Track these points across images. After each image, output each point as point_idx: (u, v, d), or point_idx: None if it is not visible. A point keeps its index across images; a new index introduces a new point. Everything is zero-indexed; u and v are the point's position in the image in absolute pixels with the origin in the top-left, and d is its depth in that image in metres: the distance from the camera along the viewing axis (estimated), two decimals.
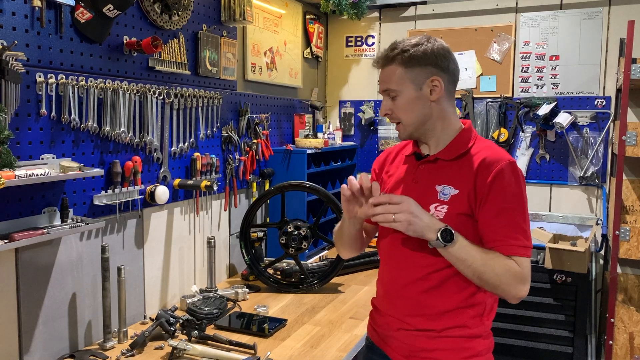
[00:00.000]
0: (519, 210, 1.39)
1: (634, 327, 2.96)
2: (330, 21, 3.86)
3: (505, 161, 1.39)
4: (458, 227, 1.37)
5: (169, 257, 2.36)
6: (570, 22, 3.27)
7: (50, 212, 1.79)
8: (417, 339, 1.47)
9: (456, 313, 1.44)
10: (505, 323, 3.04)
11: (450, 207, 1.40)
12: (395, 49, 1.43)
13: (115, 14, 1.89)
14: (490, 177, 1.37)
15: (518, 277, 1.36)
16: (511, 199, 1.37)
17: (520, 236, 1.38)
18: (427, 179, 1.46)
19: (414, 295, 1.46)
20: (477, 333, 1.46)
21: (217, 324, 2.10)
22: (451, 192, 1.41)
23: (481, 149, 1.44)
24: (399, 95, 1.44)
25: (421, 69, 1.42)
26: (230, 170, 2.70)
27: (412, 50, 1.42)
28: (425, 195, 1.43)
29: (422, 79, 1.43)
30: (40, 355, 1.79)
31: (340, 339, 2.02)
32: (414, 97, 1.43)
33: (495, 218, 1.37)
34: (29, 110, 1.70)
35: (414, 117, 1.45)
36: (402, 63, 1.42)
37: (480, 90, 3.48)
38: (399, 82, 1.43)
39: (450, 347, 1.44)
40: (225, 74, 2.64)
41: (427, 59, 1.43)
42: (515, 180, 1.38)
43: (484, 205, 1.38)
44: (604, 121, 3.22)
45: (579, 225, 3.30)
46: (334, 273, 2.61)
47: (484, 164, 1.39)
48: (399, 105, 1.45)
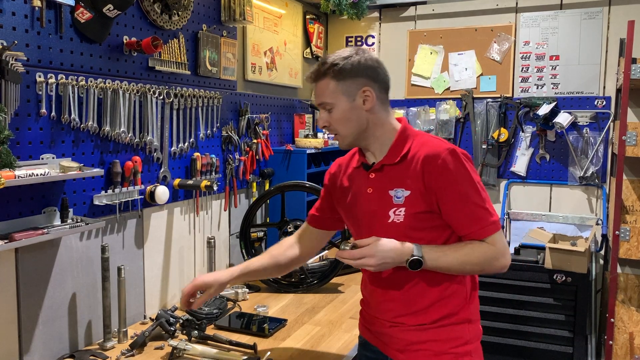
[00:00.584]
0: (474, 190, 1.43)
1: (634, 327, 2.96)
2: (330, 21, 3.86)
3: (444, 152, 1.43)
4: (421, 224, 1.45)
5: (169, 257, 2.36)
6: (570, 22, 3.27)
7: (50, 212, 1.79)
8: (409, 333, 1.51)
9: (442, 303, 1.49)
10: (505, 323, 3.04)
11: (407, 208, 1.45)
12: (325, 64, 1.48)
13: (115, 14, 1.89)
14: (437, 172, 1.41)
15: (496, 256, 1.44)
16: (463, 184, 1.42)
17: (485, 215, 1.43)
18: (379, 187, 1.50)
19: (398, 298, 1.51)
20: (465, 317, 1.51)
21: (217, 324, 2.10)
22: (404, 194, 1.45)
23: (421, 146, 1.48)
24: (333, 107, 1.48)
25: (352, 81, 1.47)
26: (230, 170, 2.70)
27: (343, 63, 1.46)
28: (382, 202, 1.48)
29: (354, 90, 1.48)
30: (40, 355, 1.79)
31: (340, 339, 2.02)
32: (348, 108, 1.48)
33: (457, 208, 1.43)
34: (29, 110, 1.70)
35: (350, 127, 1.50)
36: (334, 76, 1.47)
37: (480, 90, 3.48)
38: (332, 95, 1.48)
39: (442, 337, 1.49)
40: (225, 74, 2.64)
41: (357, 71, 1.47)
42: (460, 165, 1.43)
43: (442, 199, 1.43)
44: (604, 121, 3.22)
45: (579, 225, 3.30)
46: (334, 273, 2.61)
47: (427, 161, 1.43)
48: (335, 118, 1.49)
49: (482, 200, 1.44)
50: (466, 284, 1.52)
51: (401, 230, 1.45)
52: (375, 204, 1.50)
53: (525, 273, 3.00)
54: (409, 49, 3.66)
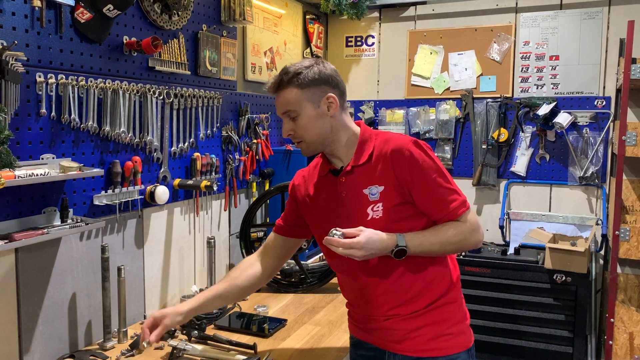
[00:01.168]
0: (440, 176, 1.51)
1: (634, 327, 2.96)
2: (330, 21, 3.86)
3: (409, 144, 1.50)
4: (398, 215, 1.51)
5: (169, 257, 2.36)
6: (570, 22, 3.27)
7: (50, 212, 1.79)
8: (404, 322, 1.56)
9: (430, 287, 1.56)
10: (505, 323, 3.04)
11: (384, 203, 1.51)
12: (288, 73, 1.52)
13: (115, 14, 1.89)
14: (405, 163, 1.48)
15: (471, 232, 1.53)
16: (431, 171, 1.50)
17: (454, 197, 1.52)
18: (353, 188, 1.55)
19: (389, 289, 1.56)
20: (452, 298, 1.59)
21: (217, 324, 2.10)
22: (378, 190, 1.51)
23: (384, 143, 1.54)
24: (299, 115, 1.52)
25: (316, 89, 1.52)
26: (230, 170, 2.70)
27: (306, 72, 1.52)
28: (357, 202, 1.54)
29: (318, 97, 1.53)
30: (40, 355, 1.79)
31: (340, 339, 2.02)
32: (313, 115, 1.53)
33: (429, 195, 1.50)
34: (29, 110, 1.70)
35: (316, 133, 1.54)
36: (298, 85, 1.51)
37: (480, 90, 3.48)
38: (297, 103, 1.52)
39: (436, 319, 1.56)
40: (225, 74, 2.64)
41: (320, 79, 1.53)
42: (425, 154, 1.50)
43: (414, 189, 1.50)
44: (604, 121, 3.22)
45: (579, 225, 3.30)
46: (334, 273, 2.61)
47: (395, 154, 1.50)
48: (300, 125, 1.53)
49: (449, 183, 1.53)
50: (448, 266, 1.60)
51: (381, 225, 1.49)
52: (351, 205, 1.55)
53: (525, 273, 3.00)
54: (409, 49, 3.66)
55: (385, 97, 3.75)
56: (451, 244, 1.52)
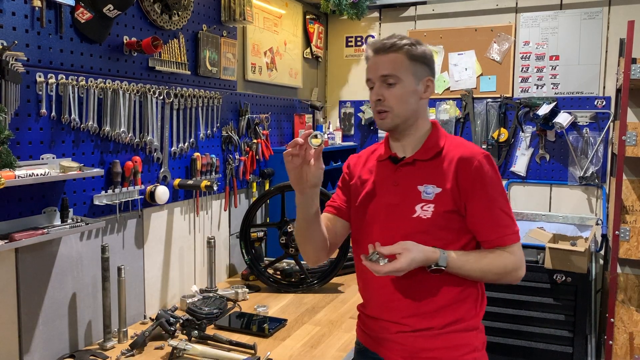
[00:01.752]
0: (502, 198, 1.45)
1: (634, 327, 2.95)
2: (330, 21, 3.86)
3: (481, 155, 1.44)
4: (445, 223, 1.43)
5: (169, 257, 2.36)
6: (570, 22, 3.27)
7: (50, 212, 1.79)
8: (417, 339, 1.47)
9: (453, 307, 1.46)
10: (505, 323, 3.04)
11: (436, 206, 1.43)
12: (403, 39, 1.46)
13: (115, 14, 1.89)
14: (471, 173, 1.42)
15: (515, 266, 1.45)
16: (494, 190, 1.44)
17: (510, 224, 1.45)
18: (408, 181, 1.48)
19: (409, 297, 1.47)
20: (473, 325, 1.49)
21: (217, 324, 2.10)
22: (434, 191, 1.44)
23: (455, 146, 1.49)
24: (398, 83, 1.45)
25: (421, 66, 1.48)
26: (230, 170, 2.70)
27: (418, 47, 1.47)
28: (408, 196, 1.47)
29: (421, 75, 1.48)
30: (40, 355, 1.79)
31: (340, 339, 2.02)
32: (411, 90, 1.46)
33: (484, 212, 1.43)
34: (29, 110, 1.70)
35: (405, 109, 1.47)
36: (409, 55, 1.45)
37: (480, 90, 3.48)
38: (403, 71, 1.45)
39: (451, 344, 1.46)
40: (225, 74, 2.64)
41: (426, 58, 1.49)
42: (493, 172, 1.45)
43: (471, 201, 1.43)
44: (604, 121, 3.22)
45: (579, 225, 3.30)
46: (334, 273, 2.61)
47: (462, 161, 1.44)
48: (394, 94, 1.45)
49: (509, 209, 1.45)
50: (478, 288, 1.51)
51: (424, 226, 1.43)
52: (400, 197, 1.47)
53: (526, 273, 2.99)
54: None
55: None
56: (492, 275, 1.43)
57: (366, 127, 3.79)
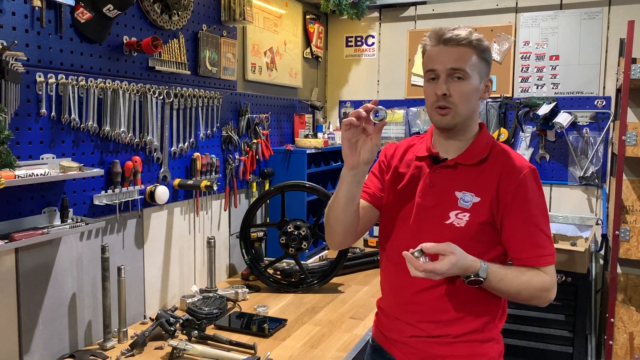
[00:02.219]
0: (543, 217, 1.38)
1: (634, 327, 2.95)
2: (330, 21, 3.85)
3: (527, 168, 1.38)
4: (478, 235, 1.37)
5: (169, 257, 2.36)
6: (570, 22, 3.27)
7: (50, 212, 1.79)
8: (430, 345, 1.44)
9: (471, 318, 1.41)
10: (505, 323, 3.03)
11: (472, 216, 1.37)
12: (473, 33, 1.37)
13: (115, 14, 1.89)
14: (514, 185, 1.35)
15: (550, 288, 1.37)
16: (535, 207, 1.36)
17: (547, 244, 1.38)
18: (445, 184, 1.41)
19: (428, 301, 1.42)
20: (490, 336, 1.44)
21: (217, 324, 2.10)
22: (472, 200, 1.37)
23: (501, 155, 1.41)
24: (466, 79, 1.36)
25: (486, 65, 1.41)
26: (230, 170, 2.70)
27: (485, 43, 1.39)
28: (443, 200, 1.40)
29: (484, 74, 1.41)
30: (40, 355, 1.79)
31: (340, 339, 2.02)
32: (475, 88, 1.38)
33: (522, 229, 1.36)
34: (29, 110, 1.70)
35: (468, 107, 1.39)
36: (478, 52, 1.37)
37: None
38: (472, 68, 1.37)
39: (465, 353, 1.42)
40: (225, 74, 2.64)
41: (490, 57, 1.43)
42: (538, 188, 1.38)
43: (509, 215, 1.36)
44: (604, 121, 3.22)
45: (579, 225, 3.30)
46: (334, 273, 2.61)
47: (506, 171, 1.37)
48: (461, 90, 1.36)
49: (548, 229, 1.39)
50: (501, 300, 1.46)
51: (457, 235, 1.35)
52: (434, 200, 1.40)
53: None
54: (409, 49, 3.66)
55: (385, 97, 3.74)
56: (527, 293, 1.35)
57: None
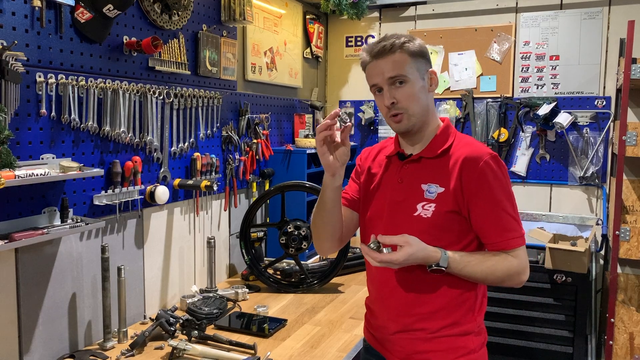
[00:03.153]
0: (509, 201, 1.42)
1: (634, 327, 2.95)
2: (330, 21, 3.86)
3: (487, 155, 1.42)
4: (446, 225, 1.42)
5: (169, 257, 2.36)
6: (570, 22, 3.27)
7: (50, 212, 1.79)
8: (412, 342, 1.48)
9: (448, 311, 1.46)
10: (505, 323, 3.04)
11: (437, 205, 1.42)
12: (399, 38, 1.44)
13: (115, 14, 1.89)
14: (476, 173, 1.40)
15: (519, 270, 1.42)
16: (500, 192, 1.41)
17: (515, 227, 1.42)
18: (412, 178, 1.48)
19: (405, 295, 1.48)
20: (469, 329, 1.48)
21: (217, 324, 2.10)
22: (437, 190, 1.43)
23: (463, 145, 1.47)
24: (407, 82, 1.43)
25: (422, 60, 1.46)
26: (230, 170, 2.70)
27: (415, 42, 1.45)
28: (411, 194, 1.46)
29: (423, 69, 1.47)
30: (40, 355, 1.79)
31: (340, 339, 2.02)
32: (420, 86, 1.45)
33: (488, 214, 1.41)
34: (29, 110, 1.70)
35: (419, 106, 1.45)
36: (409, 53, 1.43)
37: (480, 90, 3.48)
38: (409, 70, 1.43)
39: (445, 347, 1.46)
40: (225, 74, 2.64)
41: (424, 52, 1.48)
42: (501, 173, 1.42)
43: (475, 202, 1.41)
44: (604, 121, 3.22)
45: (579, 225, 3.30)
46: (334, 273, 2.61)
47: (468, 160, 1.41)
48: (407, 93, 1.43)
49: (514, 212, 1.43)
50: (477, 293, 1.49)
51: (425, 226, 1.42)
52: (403, 194, 1.47)
53: None
54: None
55: None
56: (494, 278, 1.41)
57: (366, 127, 3.79)
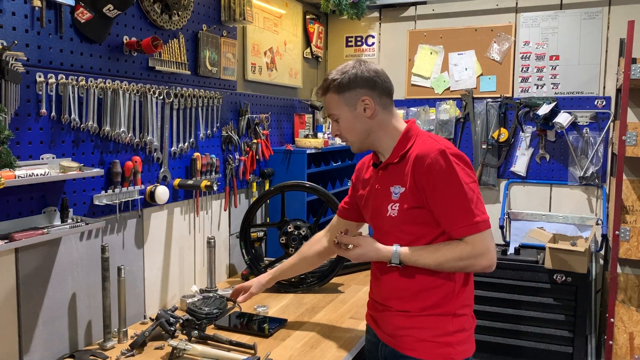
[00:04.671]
0: (459, 191, 1.50)
1: (634, 327, 2.96)
2: (330, 21, 3.86)
3: (434, 152, 1.51)
4: (411, 219, 1.57)
5: (169, 257, 2.36)
6: (570, 22, 3.27)
7: (50, 212, 1.79)
8: (396, 318, 1.65)
9: (428, 294, 1.60)
10: (505, 323, 3.04)
11: (400, 204, 1.58)
12: (327, 80, 1.65)
13: (115, 14, 1.89)
14: (424, 170, 1.52)
15: (474, 256, 1.51)
16: (449, 184, 1.50)
17: (466, 216, 1.50)
18: (384, 183, 1.65)
19: (391, 280, 1.65)
20: (448, 311, 1.59)
21: (217, 324, 2.10)
22: (400, 191, 1.59)
23: (417, 145, 1.59)
24: (339, 118, 1.65)
25: (350, 92, 1.62)
26: (230, 170, 2.70)
27: (341, 78, 1.62)
28: (383, 197, 1.63)
29: (354, 100, 1.62)
30: (40, 355, 1.79)
31: (340, 339, 2.02)
32: (351, 117, 1.63)
33: (441, 207, 1.53)
34: (29, 110, 1.70)
35: (356, 134, 1.65)
36: (336, 90, 1.63)
37: (480, 90, 3.48)
38: (336, 107, 1.64)
39: (424, 325, 1.60)
40: (225, 74, 2.64)
41: (354, 83, 1.62)
42: (447, 166, 1.50)
43: (429, 197, 1.53)
44: (604, 121, 3.22)
45: (579, 225, 3.30)
46: (334, 273, 2.61)
47: (417, 160, 1.54)
48: (342, 127, 1.66)
49: (467, 201, 1.50)
50: (455, 280, 1.60)
51: (395, 224, 1.60)
52: (380, 199, 1.65)
53: (525, 273, 3.00)
54: (409, 49, 3.66)
55: None
56: (449, 265, 1.54)
57: None
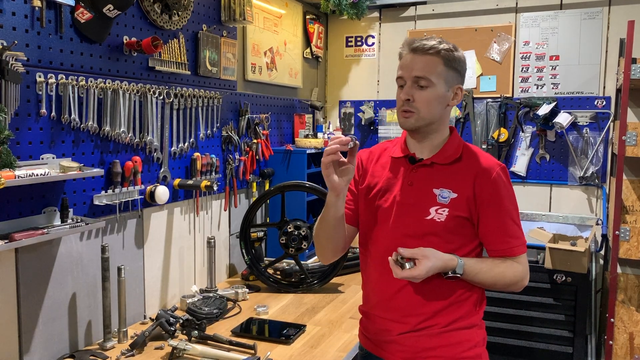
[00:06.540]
0: (515, 210, 1.50)
1: (634, 327, 2.96)
2: (330, 21, 3.86)
3: (497, 167, 1.49)
4: (457, 229, 1.47)
5: (169, 257, 2.36)
6: (570, 22, 3.27)
7: (50, 212, 1.79)
8: (418, 339, 1.49)
9: (456, 306, 1.49)
10: (505, 323, 3.04)
11: (451, 210, 1.46)
12: (442, 43, 1.45)
13: (115, 14, 1.89)
14: (490, 184, 1.46)
15: (523, 276, 1.50)
16: (508, 201, 1.48)
17: (520, 235, 1.50)
18: (423, 182, 1.50)
19: (413, 295, 1.48)
20: (473, 322, 1.52)
21: (233, 331, 2.03)
22: (450, 196, 1.46)
23: (474, 155, 1.52)
24: (430, 87, 1.45)
25: (454, 73, 1.48)
26: (230, 170, 2.70)
27: (455, 53, 1.47)
28: (423, 198, 1.48)
29: (452, 82, 1.49)
30: (40, 355, 1.79)
31: (340, 339, 2.02)
32: (440, 95, 1.46)
33: (496, 222, 1.47)
34: (29, 110, 1.70)
35: (432, 113, 1.47)
36: (445, 61, 1.45)
37: (480, 90, 3.48)
38: (437, 75, 1.45)
39: (453, 341, 1.48)
40: (225, 74, 2.64)
41: (461, 66, 1.50)
42: (509, 183, 1.50)
43: (485, 210, 1.46)
44: (604, 121, 3.22)
45: (579, 225, 3.30)
46: (334, 273, 2.61)
47: (481, 170, 1.47)
48: (424, 97, 1.45)
49: (519, 221, 1.50)
50: (480, 290, 1.55)
51: (437, 229, 1.45)
52: (414, 197, 1.49)
53: None
54: None
55: (385, 97, 3.75)
56: (502, 284, 1.48)
57: (366, 127, 3.79)
